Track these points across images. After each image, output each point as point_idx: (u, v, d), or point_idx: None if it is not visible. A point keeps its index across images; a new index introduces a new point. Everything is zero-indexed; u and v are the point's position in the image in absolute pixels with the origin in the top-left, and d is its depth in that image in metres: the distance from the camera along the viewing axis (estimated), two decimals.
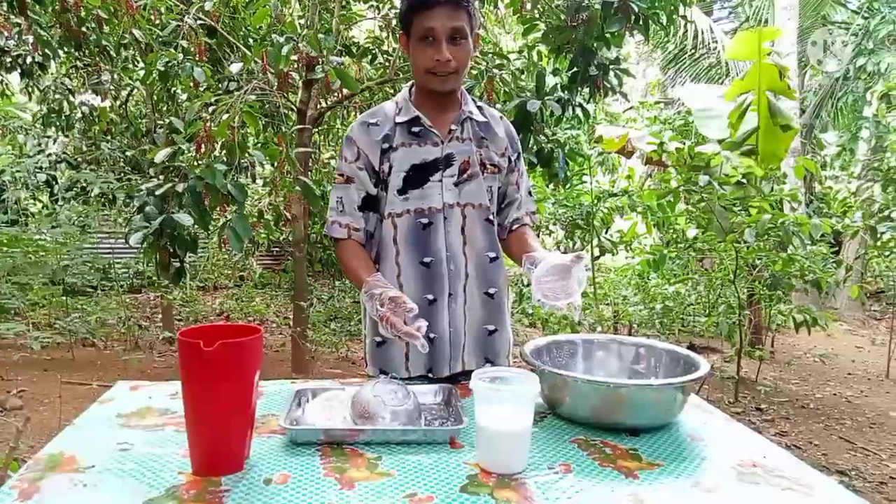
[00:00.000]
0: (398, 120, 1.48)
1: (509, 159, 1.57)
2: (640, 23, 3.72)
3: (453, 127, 1.49)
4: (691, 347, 5.56)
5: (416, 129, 1.48)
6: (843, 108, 9.22)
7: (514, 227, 1.61)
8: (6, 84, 6.18)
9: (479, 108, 1.57)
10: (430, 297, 1.47)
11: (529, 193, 1.67)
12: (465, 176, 1.49)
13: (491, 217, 1.53)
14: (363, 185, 1.49)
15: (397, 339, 1.24)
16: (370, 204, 1.51)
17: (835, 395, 4.79)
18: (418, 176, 1.47)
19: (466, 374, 1.51)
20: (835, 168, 9.92)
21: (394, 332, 1.23)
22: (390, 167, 1.47)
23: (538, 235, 1.64)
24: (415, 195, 1.47)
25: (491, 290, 1.53)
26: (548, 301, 1.28)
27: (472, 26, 1.41)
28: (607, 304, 6.17)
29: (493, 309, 1.54)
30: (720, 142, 5.18)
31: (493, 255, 1.53)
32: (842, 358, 6.00)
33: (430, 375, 1.50)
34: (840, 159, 9.57)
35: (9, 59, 5.49)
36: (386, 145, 1.47)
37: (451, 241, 1.48)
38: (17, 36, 4.93)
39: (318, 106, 4.49)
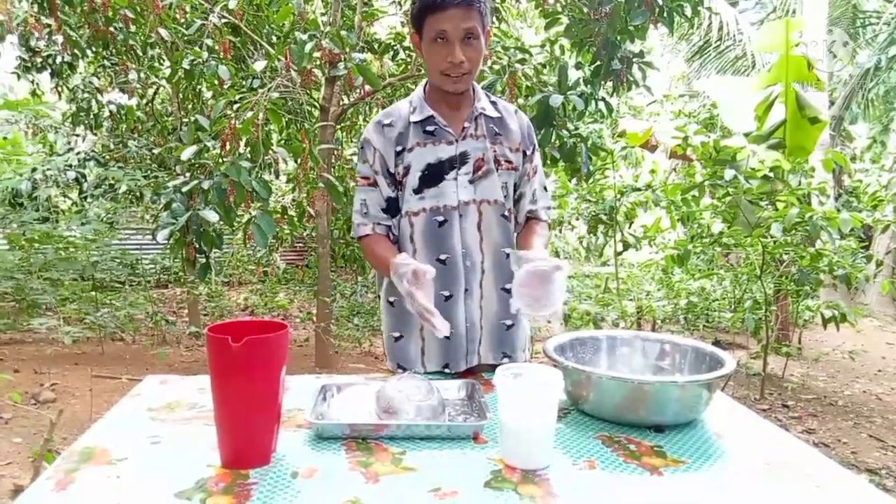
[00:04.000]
0: (412, 119, 1.50)
1: (524, 153, 1.57)
2: (664, 15, 3.67)
3: (466, 124, 1.50)
4: (717, 343, 5.49)
5: (430, 129, 1.49)
6: (875, 99, 9.00)
7: (528, 220, 1.63)
8: (37, 84, 6.32)
9: (493, 103, 1.57)
10: (447, 293, 1.48)
11: (545, 189, 1.67)
12: (479, 173, 1.50)
13: (507, 213, 1.54)
14: (384, 187, 1.51)
15: (419, 316, 1.25)
16: (392, 204, 1.53)
17: (864, 392, 4.70)
18: (434, 174, 1.48)
19: (483, 368, 1.52)
20: (865, 161, 9.72)
21: (416, 307, 1.24)
22: (406, 167, 1.48)
23: (560, 231, 1.64)
24: (430, 193, 1.48)
25: (507, 286, 1.53)
26: (529, 311, 1.27)
27: (484, 25, 1.42)
28: (631, 300, 6.12)
29: (509, 304, 1.54)
30: (746, 135, 5.10)
31: (509, 250, 1.54)
32: (871, 354, 5.88)
33: (447, 370, 1.52)
34: (870, 152, 9.37)
35: (39, 60, 5.62)
36: (399, 147, 1.49)
37: (466, 238, 1.49)
38: (47, 37, 5.04)
39: (341, 102, 4.51)
